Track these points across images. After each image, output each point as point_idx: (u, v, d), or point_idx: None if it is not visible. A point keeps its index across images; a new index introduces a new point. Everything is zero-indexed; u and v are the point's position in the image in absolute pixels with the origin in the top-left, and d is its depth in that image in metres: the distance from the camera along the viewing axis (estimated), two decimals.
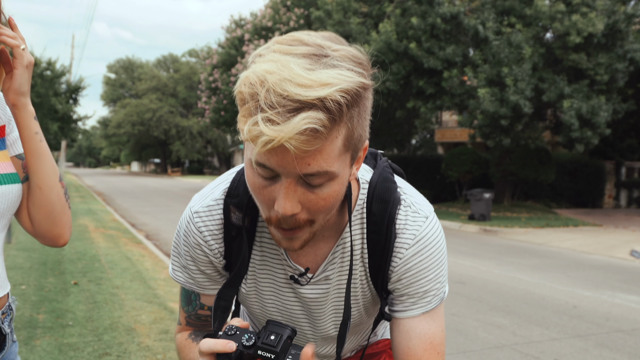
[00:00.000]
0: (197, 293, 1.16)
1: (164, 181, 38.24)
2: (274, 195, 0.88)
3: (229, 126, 25.08)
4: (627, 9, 13.35)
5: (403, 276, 1.07)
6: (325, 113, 0.79)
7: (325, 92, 0.78)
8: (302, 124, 0.78)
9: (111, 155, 79.26)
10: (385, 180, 1.08)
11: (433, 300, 1.09)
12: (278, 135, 0.78)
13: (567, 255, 9.82)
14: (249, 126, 0.81)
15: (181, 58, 58.14)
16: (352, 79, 0.82)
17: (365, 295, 1.14)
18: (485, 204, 14.05)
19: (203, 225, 1.08)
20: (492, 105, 12.98)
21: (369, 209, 1.06)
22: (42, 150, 1.23)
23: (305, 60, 0.82)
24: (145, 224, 12.34)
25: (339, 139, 0.84)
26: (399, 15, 14.73)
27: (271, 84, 0.79)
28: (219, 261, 1.11)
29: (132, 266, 6.79)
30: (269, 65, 0.82)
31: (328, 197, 0.89)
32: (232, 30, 22.88)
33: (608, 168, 21.13)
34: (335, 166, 0.86)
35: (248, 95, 0.82)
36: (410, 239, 1.05)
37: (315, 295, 1.12)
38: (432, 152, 29.18)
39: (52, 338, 3.96)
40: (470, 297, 6.10)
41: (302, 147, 0.80)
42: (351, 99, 0.82)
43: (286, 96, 0.79)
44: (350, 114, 0.84)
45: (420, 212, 1.07)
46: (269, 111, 0.79)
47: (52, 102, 22.08)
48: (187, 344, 1.18)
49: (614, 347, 4.60)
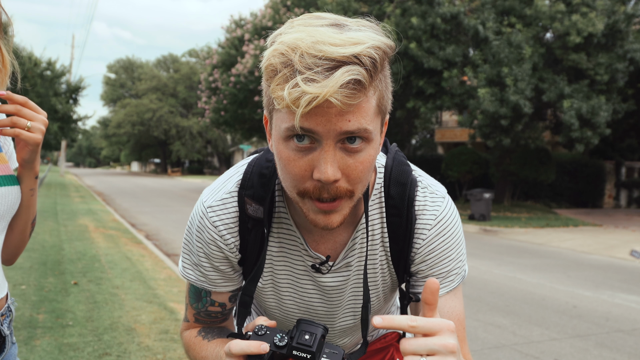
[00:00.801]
0: (208, 290, 1.14)
1: (164, 181, 38.24)
2: (312, 164, 0.87)
3: (229, 126, 25.09)
4: (627, 9, 13.36)
5: (427, 257, 1.07)
6: (363, 67, 0.80)
7: (360, 49, 0.80)
8: (346, 76, 0.78)
9: (111, 155, 79.28)
10: (400, 164, 1.08)
11: (456, 279, 1.10)
12: (322, 91, 0.78)
13: (567, 255, 9.82)
14: (289, 89, 0.80)
15: (181, 58, 58.17)
16: (381, 38, 0.84)
17: (385, 280, 1.14)
18: (485, 204, 14.06)
19: (218, 220, 1.06)
20: (492, 105, 12.98)
21: (387, 193, 1.06)
22: (31, 203, 1.30)
23: (330, 27, 0.84)
24: (145, 224, 12.34)
25: (373, 98, 0.86)
26: (399, 15, 14.73)
27: (304, 48, 0.80)
28: (235, 255, 1.09)
29: (132, 266, 6.79)
30: (297, 35, 0.82)
31: (365, 161, 0.88)
32: (232, 30, 22.88)
33: (608, 168, 21.14)
34: (372, 125, 0.86)
35: (280, 64, 0.82)
36: (431, 220, 1.06)
37: (336, 283, 1.11)
38: (432, 152, 29.19)
39: (52, 338, 3.96)
40: (470, 297, 6.10)
41: (347, 101, 0.80)
42: (382, 56, 0.83)
43: (322, 56, 0.79)
44: (382, 74, 0.86)
45: (438, 192, 1.08)
46: (307, 72, 0.79)
47: (52, 102, 22.10)
48: (197, 341, 1.15)
49: (614, 347, 4.60)
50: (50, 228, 9.91)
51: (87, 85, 25.23)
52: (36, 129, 1.19)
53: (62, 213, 12.85)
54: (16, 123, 1.16)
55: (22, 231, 1.32)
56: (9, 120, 1.16)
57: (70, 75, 28.72)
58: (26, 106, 1.18)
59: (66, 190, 21.95)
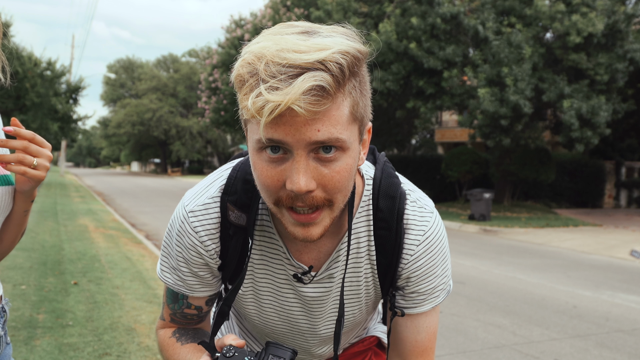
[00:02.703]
0: (186, 295, 1.12)
1: (164, 181, 38.24)
2: (284, 175, 0.85)
3: (229, 126, 25.08)
4: (627, 9, 13.35)
5: (414, 273, 1.06)
6: (328, 73, 0.78)
7: (324, 55, 0.78)
8: (307, 82, 0.77)
9: (111, 155, 79.26)
10: (389, 176, 1.07)
11: (441, 295, 1.10)
12: (284, 99, 0.76)
13: (567, 255, 9.82)
14: (253, 99, 0.78)
15: (181, 58, 58.17)
16: (349, 43, 0.81)
17: (369, 293, 1.13)
18: (485, 204, 14.05)
19: (199, 225, 1.04)
20: (492, 105, 12.98)
21: (376, 205, 1.04)
22: (23, 222, 1.31)
23: (298, 35, 0.82)
24: (145, 224, 12.34)
25: (344, 105, 0.83)
26: (399, 15, 14.73)
27: (269, 56, 0.78)
28: (215, 261, 1.07)
29: (132, 266, 6.79)
30: (264, 43, 0.81)
31: (342, 170, 0.86)
32: (232, 30, 22.88)
33: (608, 168, 21.13)
34: (345, 134, 0.84)
35: (247, 74, 0.80)
36: (420, 235, 1.04)
37: (318, 294, 1.10)
38: (432, 152, 29.19)
39: (52, 338, 3.96)
40: (470, 297, 6.10)
41: (311, 108, 0.78)
42: (351, 61, 0.81)
43: (286, 64, 0.77)
44: (353, 81, 0.83)
45: (426, 207, 1.07)
46: (271, 80, 0.77)
47: (52, 102, 22.08)
48: (172, 343, 1.14)
49: (614, 347, 4.60)
50: (50, 228, 9.91)
51: (87, 85, 25.21)
52: (42, 167, 1.17)
53: (62, 213, 12.84)
54: (22, 161, 1.14)
55: (10, 243, 1.34)
56: (15, 157, 1.14)
57: (70, 75, 28.72)
58: (33, 142, 1.16)
59: (66, 190, 21.95)
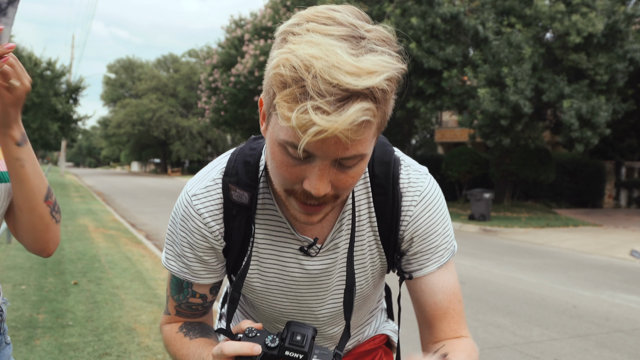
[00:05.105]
0: (190, 282, 1.13)
1: (164, 181, 38.24)
2: (303, 174, 0.87)
3: (229, 126, 25.09)
4: (627, 9, 13.35)
5: (415, 233, 1.09)
6: (373, 102, 0.80)
7: (374, 82, 0.78)
8: (358, 116, 0.78)
9: (111, 155, 79.25)
10: (382, 144, 1.10)
11: (445, 254, 1.11)
12: (332, 127, 0.77)
13: (567, 255, 9.82)
14: (297, 114, 0.78)
15: (181, 58, 58.16)
16: (395, 66, 0.82)
17: (374, 262, 1.14)
18: (485, 204, 14.05)
19: (202, 207, 1.06)
20: (492, 105, 12.99)
21: (372, 172, 1.08)
22: (23, 176, 1.18)
23: (346, 43, 0.81)
24: (145, 224, 12.34)
25: (375, 124, 0.85)
26: (399, 15, 14.73)
27: (318, 70, 0.77)
28: (220, 243, 1.08)
29: (132, 266, 6.79)
30: (312, 50, 0.79)
31: (356, 175, 0.90)
32: (232, 30, 22.89)
33: (608, 168, 21.13)
34: (369, 149, 0.88)
35: (290, 79, 0.79)
36: (417, 196, 1.08)
37: (324, 266, 1.11)
38: (432, 152, 29.20)
39: (52, 338, 3.96)
40: (470, 297, 6.10)
41: (353, 137, 0.81)
42: (394, 86, 0.83)
43: (336, 84, 0.77)
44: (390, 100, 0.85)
45: (420, 170, 1.11)
46: (319, 99, 0.77)
47: (52, 102, 22.10)
48: (179, 338, 1.14)
49: (614, 347, 4.60)
50: None
51: (87, 85, 25.25)
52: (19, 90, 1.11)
53: (62, 213, 12.82)
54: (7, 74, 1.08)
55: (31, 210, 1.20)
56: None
57: (70, 75, 28.72)
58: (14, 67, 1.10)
59: (66, 190, 21.95)
